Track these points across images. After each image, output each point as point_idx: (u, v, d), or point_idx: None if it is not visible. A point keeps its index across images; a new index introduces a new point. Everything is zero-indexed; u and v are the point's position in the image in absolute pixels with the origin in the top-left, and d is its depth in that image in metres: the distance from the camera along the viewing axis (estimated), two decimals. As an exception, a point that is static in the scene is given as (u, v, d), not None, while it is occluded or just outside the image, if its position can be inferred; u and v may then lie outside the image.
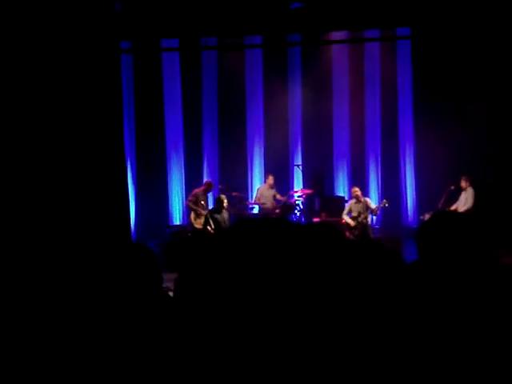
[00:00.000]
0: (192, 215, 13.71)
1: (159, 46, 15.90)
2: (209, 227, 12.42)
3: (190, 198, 13.92)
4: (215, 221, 12.45)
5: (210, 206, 13.88)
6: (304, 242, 1.10)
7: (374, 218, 14.55)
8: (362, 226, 13.18)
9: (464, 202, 13.58)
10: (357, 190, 13.54)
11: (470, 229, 2.72)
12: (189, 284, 1.10)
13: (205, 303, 1.04)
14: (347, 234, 12.88)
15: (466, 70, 14.71)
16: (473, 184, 13.62)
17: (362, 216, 13.19)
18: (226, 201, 12.67)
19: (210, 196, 14.72)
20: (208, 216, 12.58)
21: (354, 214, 13.30)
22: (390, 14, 14.00)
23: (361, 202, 13.33)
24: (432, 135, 15.05)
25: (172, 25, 14.44)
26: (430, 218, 2.89)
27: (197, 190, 13.85)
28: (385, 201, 13.97)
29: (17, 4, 11.09)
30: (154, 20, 14.30)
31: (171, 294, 3.27)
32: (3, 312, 3.13)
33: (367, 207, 13.32)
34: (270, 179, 14.90)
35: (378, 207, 13.63)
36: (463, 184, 13.62)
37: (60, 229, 10.92)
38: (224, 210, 12.61)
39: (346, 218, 13.36)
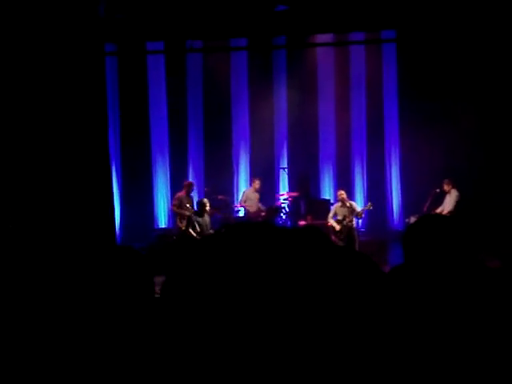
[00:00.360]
0: (178, 219, 13.68)
1: (144, 48, 15.85)
2: (191, 230, 12.38)
3: (173, 203, 13.89)
4: (198, 224, 12.41)
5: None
6: (290, 246, 1.10)
7: (360, 221, 14.54)
8: (347, 230, 13.12)
9: (448, 204, 13.65)
10: (342, 193, 13.48)
11: (455, 232, 2.71)
12: (176, 288, 1.09)
13: (191, 307, 1.04)
14: (333, 237, 12.83)
15: (451, 72, 14.75)
16: (456, 186, 13.65)
17: (348, 219, 13.12)
18: (208, 204, 12.62)
19: (196, 198, 14.69)
20: (192, 219, 12.54)
21: (340, 217, 13.23)
22: (375, 16, 14.02)
23: (346, 206, 13.25)
24: (418, 137, 15.08)
25: (157, 27, 14.40)
26: (415, 221, 2.88)
27: (180, 194, 13.82)
28: (369, 204, 13.95)
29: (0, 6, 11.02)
30: (139, 22, 14.26)
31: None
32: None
33: (353, 211, 13.25)
34: (257, 183, 14.86)
35: (362, 210, 13.58)
36: (446, 187, 13.67)
37: (45, 232, 10.85)
38: (206, 214, 12.56)
39: (332, 222, 13.28)
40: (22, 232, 10.86)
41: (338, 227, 13.12)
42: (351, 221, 13.18)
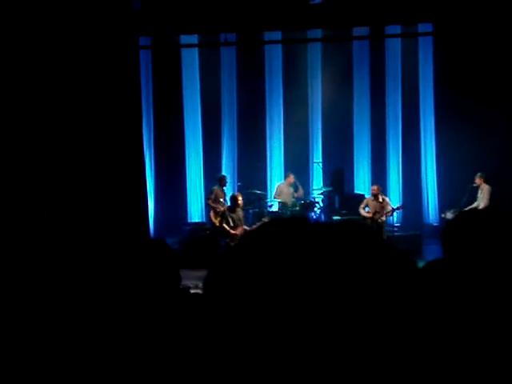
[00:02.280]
0: (212, 213, 13.65)
1: (178, 42, 15.87)
2: (225, 225, 12.36)
3: (209, 197, 13.88)
4: (232, 218, 12.39)
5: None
6: (331, 242, 1.09)
7: (395, 216, 14.36)
8: (376, 225, 12.92)
9: (481, 199, 13.51)
10: (375, 189, 13.31)
11: (497, 228, 2.63)
12: (218, 283, 1.08)
13: (234, 303, 1.03)
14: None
15: (488, 66, 14.55)
16: (488, 181, 13.50)
17: (378, 215, 12.95)
18: (240, 198, 12.58)
19: (229, 193, 14.67)
20: (226, 213, 12.51)
21: (371, 210, 13.10)
22: (411, 9, 13.88)
23: (378, 201, 13.08)
24: (454, 132, 14.94)
25: (191, 21, 14.40)
26: (455, 217, 2.81)
27: (215, 188, 13.80)
28: (400, 205, 13.75)
29: (37, 2, 11.10)
30: (173, 16, 14.27)
31: (191, 292, 3.21)
32: (13, 306, 3.11)
33: (384, 207, 13.06)
34: (291, 178, 14.79)
35: (392, 210, 13.34)
36: (478, 181, 13.53)
37: (78, 225, 10.92)
38: (238, 209, 12.52)
39: (362, 212, 13.16)
40: (56, 224, 10.94)
41: (367, 215, 12.98)
42: (382, 216, 12.98)
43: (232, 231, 12.19)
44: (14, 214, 10.60)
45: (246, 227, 12.27)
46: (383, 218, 13.07)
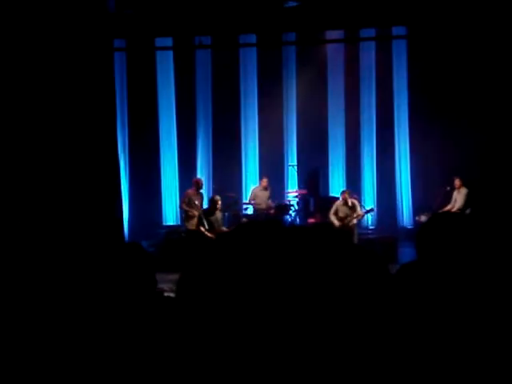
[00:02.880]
0: (186, 216, 13.58)
1: (153, 44, 15.82)
2: (202, 228, 12.34)
3: (183, 200, 13.80)
4: (208, 221, 12.37)
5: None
6: (302, 244, 1.09)
7: (370, 219, 14.40)
8: (347, 228, 12.86)
9: (457, 201, 13.61)
10: (344, 194, 13.24)
11: (469, 230, 2.65)
12: (191, 286, 1.08)
13: (207, 305, 1.03)
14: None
15: (461, 68, 14.64)
16: (465, 184, 13.61)
17: (349, 219, 12.92)
18: (219, 202, 12.59)
19: (206, 196, 14.62)
20: (201, 216, 12.49)
21: (341, 215, 13.04)
22: (385, 13, 13.95)
23: (348, 205, 13.04)
24: (428, 134, 15.01)
25: (166, 23, 14.37)
26: (429, 219, 2.83)
27: (189, 191, 13.73)
28: (370, 208, 13.75)
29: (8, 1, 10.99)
30: (148, 18, 14.23)
31: (166, 295, 3.20)
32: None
33: (354, 210, 13.03)
34: (264, 181, 14.78)
35: (363, 213, 13.35)
36: (457, 183, 13.64)
37: (52, 228, 10.83)
38: (217, 211, 12.53)
39: (332, 218, 13.06)
40: (29, 228, 10.84)
41: (337, 224, 12.90)
42: (352, 220, 12.96)
43: (209, 234, 12.17)
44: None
45: (224, 229, 12.27)
46: (354, 222, 13.07)
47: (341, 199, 13.24)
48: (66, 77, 11.54)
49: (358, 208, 13.18)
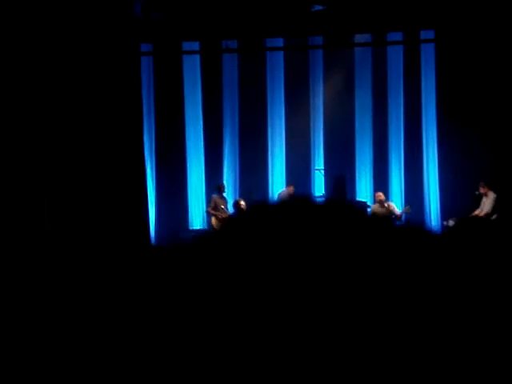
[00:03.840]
0: (213, 220, 13.68)
1: (180, 48, 15.86)
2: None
3: (209, 205, 13.93)
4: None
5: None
6: (323, 223, 1.04)
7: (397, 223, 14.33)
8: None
9: (485, 206, 13.54)
10: (381, 195, 13.40)
11: (496, 235, 2.59)
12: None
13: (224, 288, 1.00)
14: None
15: (491, 72, 14.51)
16: (493, 188, 13.51)
17: None
18: (243, 203, 12.62)
19: (230, 200, 14.64)
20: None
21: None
22: (413, 16, 13.88)
23: (384, 207, 13.14)
24: (457, 139, 14.91)
25: (193, 27, 14.41)
26: (455, 224, 2.78)
27: (214, 196, 13.85)
28: (408, 207, 13.82)
29: (38, 7, 11.09)
30: (175, 22, 14.28)
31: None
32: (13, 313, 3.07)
33: (391, 212, 13.13)
34: (290, 189, 14.81)
35: (401, 213, 13.46)
36: (482, 190, 13.58)
37: (79, 231, 10.90)
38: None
39: None
40: (58, 231, 10.92)
41: None
42: None
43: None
44: (16, 219, 10.58)
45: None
46: None
47: (376, 202, 13.36)
48: (94, 81, 11.62)
49: (396, 209, 13.26)
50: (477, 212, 13.38)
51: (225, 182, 14.80)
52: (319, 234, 0.96)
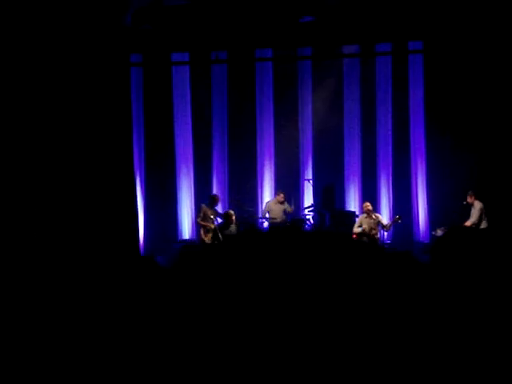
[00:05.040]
0: (202, 231, 13.71)
1: (170, 59, 15.89)
2: (217, 242, 12.39)
3: (198, 215, 13.95)
4: (223, 236, 12.42)
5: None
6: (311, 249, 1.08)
7: (385, 233, 14.42)
8: (371, 241, 13.11)
9: (472, 216, 13.62)
10: (368, 205, 13.50)
11: (485, 244, 2.64)
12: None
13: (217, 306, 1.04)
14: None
15: (478, 83, 14.60)
16: (480, 198, 13.59)
17: (374, 231, 13.11)
18: (233, 215, 12.67)
19: (220, 210, 14.68)
20: (216, 231, 12.53)
21: (365, 227, 13.22)
22: (401, 27, 13.96)
23: (372, 218, 13.24)
24: (444, 149, 14.98)
25: (182, 38, 14.45)
26: (444, 234, 2.82)
27: (203, 206, 13.87)
28: (397, 217, 13.90)
29: (27, 15, 11.10)
30: (164, 33, 14.32)
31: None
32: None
33: (378, 223, 13.24)
34: (281, 196, 14.87)
35: (390, 224, 13.55)
36: (469, 199, 13.66)
37: (68, 241, 10.88)
38: (232, 225, 12.59)
39: (357, 231, 13.30)
40: (45, 240, 10.89)
41: (363, 230, 13.15)
42: (376, 233, 13.16)
43: (223, 248, 12.18)
44: (2, 228, 10.57)
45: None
46: (378, 235, 13.28)
47: (364, 212, 13.44)
48: (83, 91, 11.62)
49: (383, 220, 13.35)
50: (468, 223, 13.46)
51: (219, 195, 14.86)
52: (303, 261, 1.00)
